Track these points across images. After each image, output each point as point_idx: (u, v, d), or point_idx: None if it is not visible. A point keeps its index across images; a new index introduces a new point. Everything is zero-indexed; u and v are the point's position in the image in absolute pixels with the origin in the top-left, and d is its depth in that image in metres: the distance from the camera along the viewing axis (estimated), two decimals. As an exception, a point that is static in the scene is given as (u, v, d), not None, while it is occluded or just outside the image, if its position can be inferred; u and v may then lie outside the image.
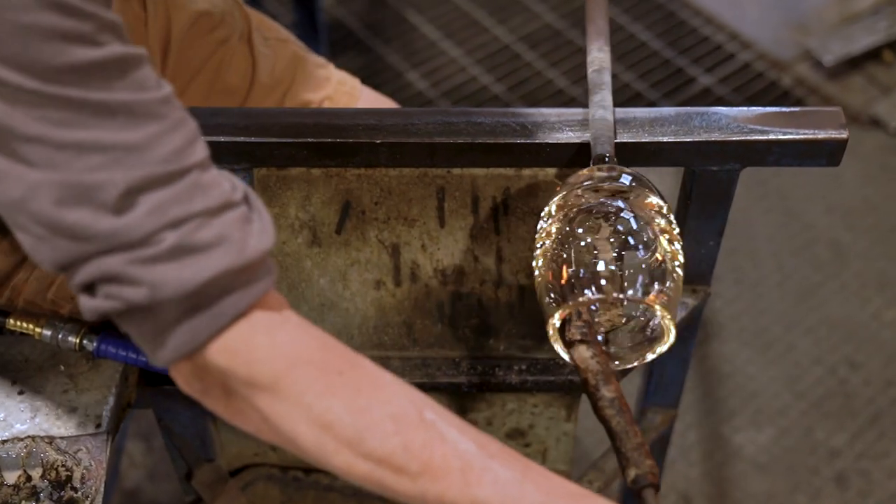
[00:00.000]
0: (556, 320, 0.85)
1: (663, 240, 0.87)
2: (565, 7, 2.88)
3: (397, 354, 1.16)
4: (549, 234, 0.89)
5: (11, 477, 0.96)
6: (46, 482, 0.96)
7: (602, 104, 1.00)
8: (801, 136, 0.98)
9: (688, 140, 1.00)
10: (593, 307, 0.88)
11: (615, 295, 0.83)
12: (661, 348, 0.88)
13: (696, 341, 1.27)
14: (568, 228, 0.87)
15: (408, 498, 0.74)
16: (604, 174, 0.92)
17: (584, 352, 0.83)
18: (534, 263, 0.90)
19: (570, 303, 0.84)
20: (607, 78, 1.02)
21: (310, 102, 1.32)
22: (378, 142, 1.02)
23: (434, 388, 1.16)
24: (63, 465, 0.98)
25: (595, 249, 0.85)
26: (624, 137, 1.01)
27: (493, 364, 1.15)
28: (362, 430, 0.72)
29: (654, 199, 0.90)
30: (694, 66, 2.73)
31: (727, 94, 2.63)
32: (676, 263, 0.87)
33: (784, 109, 1.01)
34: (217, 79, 1.25)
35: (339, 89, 1.35)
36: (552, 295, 0.85)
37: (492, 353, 1.16)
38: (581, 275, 0.84)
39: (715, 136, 1.00)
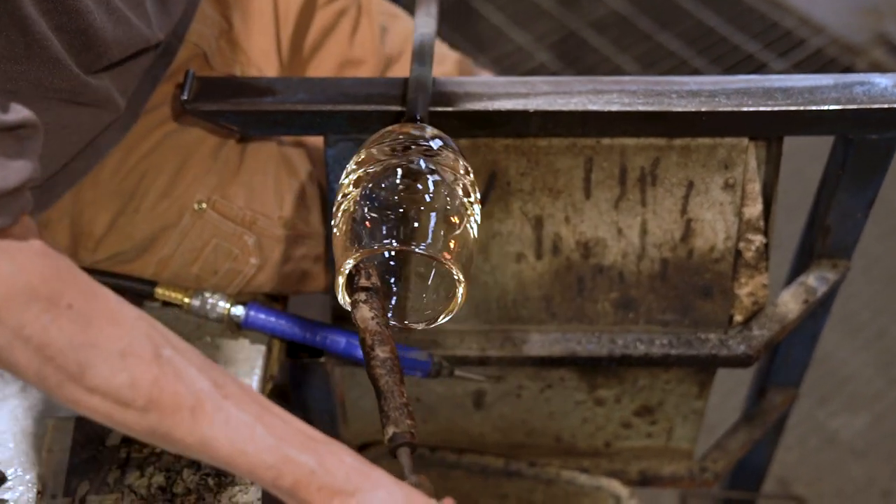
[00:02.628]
0: (345, 269, 0.85)
1: (464, 203, 0.88)
2: (632, -8, 2.86)
3: (536, 328, 1.15)
4: (350, 186, 0.89)
5: (171, 446, 0.96)
6: (206, 451, 0.96)
7: (420, 67, 1.01)
8: (971, 103, 0.97)
9: (851, 108, 0.98)
10: (391, 263, 0.90)
11: (410, 247, 0.83)
12: (450, 311, 0.88)
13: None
14: (371, 183, 0.87)
15: (138, 433, 0.75)
16: (415, 133, 0.92)
17: (365, 312, 0.84)
18: (332, 214, 0.89)
19: (362, 251, 0.84)
20: (429, 43, 1.03)
21: None
22: (531, 110, 1.01)
23: (574, 361, 1.14)
24: (220, 435, 0.97)
25: (395, 204, 0.85)
26: (782, 105, 1.00)
27: (634, 338, 1.14)
28: (85, 364, 0.71)
29: (459, 164, 0.90)
30: (765, 51, 2.70)
31: (802, 79, 2.60)
32: (474, 229, 0.88)
33: (949, 76, 1.00)
34: (338, 50, 1.24)
35: (457, 66, 1.35)
36: (347, 245, 0.85)
37: (631, 328, 1.15)
38: (378, 227, 0.84)
39: (878, 104, 0.98)
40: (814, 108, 0.99)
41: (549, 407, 1.26)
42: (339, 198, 0.89)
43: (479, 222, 0.89)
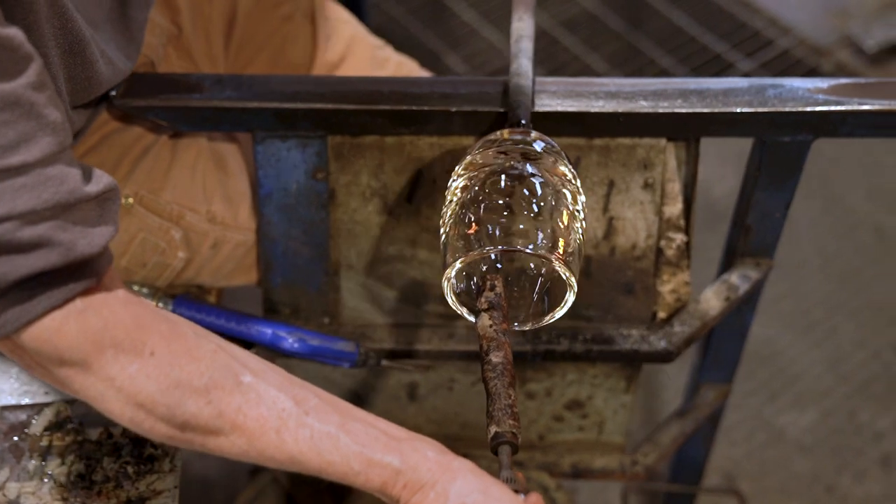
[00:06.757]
0: (454, 269, 0.87)
1: (569, 205, 0.90)
2: (603, -8, 2.88)
3: (462, 323, 1.17)
4: (457, 191, 0.91)
5: (94, 433, 0.98)
6: (127, 439, 0.98)
7: (520, 72, 1.03)
8: (878, 107, 0.99)
9: (762, 111, 1.01)
10: (498, 265, 0.93)
11: (518, 247, 0.86)
12: (561, 311, 0.91)
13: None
14: (477, 187, 0.90)
15: (235, 456, 0.78)
16: (517, 137, 0.94)
17: (486, 320, 0.87)
18: (441, 221, 0.91)
19: (469, 254, 0.86)
20: (527, 46, 1.05)
21: None
22: (453, 110, 1.03)
23: (499, 356, 1.17)
24: (142, 424, 0.99)
25: (502, 207, 0.88)
26: (697, 107, 1.02)
27: (557, 333, 1.16)
28: (174, 405, 0.75)
29: (564, 168, 0.92)
30: (733, 51, 2.72)
31: (767, 79, 2.62)
32: (580, 231, 0.90)
33: (859, 80, 1.02)
34: (280, 55, 1.27)
35: (399, 71, 1.36)
36: (457, 248, 0.88)
37: (556, 324, 1.17)
38: (487, 229, 0.87)
39: (789, 107, 1.01)
40: (726, 110, 1.01)
41: (481, 400, 1.28)
42: (447, 203, 0.92)
43: (585, 227, 0.92)
